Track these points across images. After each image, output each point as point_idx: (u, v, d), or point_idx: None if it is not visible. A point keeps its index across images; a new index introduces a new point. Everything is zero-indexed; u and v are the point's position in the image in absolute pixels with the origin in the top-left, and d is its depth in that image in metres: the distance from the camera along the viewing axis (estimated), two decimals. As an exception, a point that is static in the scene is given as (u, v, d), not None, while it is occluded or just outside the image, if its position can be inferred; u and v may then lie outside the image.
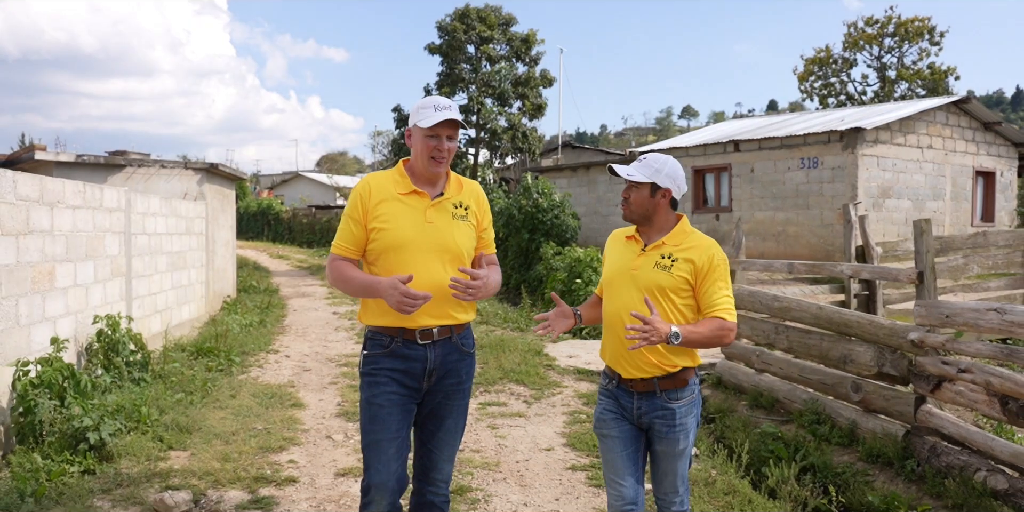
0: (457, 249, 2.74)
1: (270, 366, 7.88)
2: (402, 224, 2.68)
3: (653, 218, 2.82)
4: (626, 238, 2.94)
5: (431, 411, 2.79)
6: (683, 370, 2.79)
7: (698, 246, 2.77)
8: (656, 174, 2.77)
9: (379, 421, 2.67)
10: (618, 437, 2.84)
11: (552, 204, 14.99)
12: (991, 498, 4.28)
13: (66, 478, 4.46)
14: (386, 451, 2.65)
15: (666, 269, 2.74)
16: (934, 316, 4.84)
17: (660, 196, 2.79)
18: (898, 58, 29.44)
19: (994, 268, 8.98)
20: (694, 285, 2.75)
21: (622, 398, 2.84)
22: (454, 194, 2.80)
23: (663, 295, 2.74)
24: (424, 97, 2.75)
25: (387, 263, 2.69)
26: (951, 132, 14.42)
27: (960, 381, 4.61)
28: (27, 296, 5.54)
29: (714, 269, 2.73)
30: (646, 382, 2.77)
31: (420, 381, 2.72)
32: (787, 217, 13.48)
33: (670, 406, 2.77)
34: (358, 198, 2.74)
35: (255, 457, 4.96)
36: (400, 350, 2.69)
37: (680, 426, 2.78)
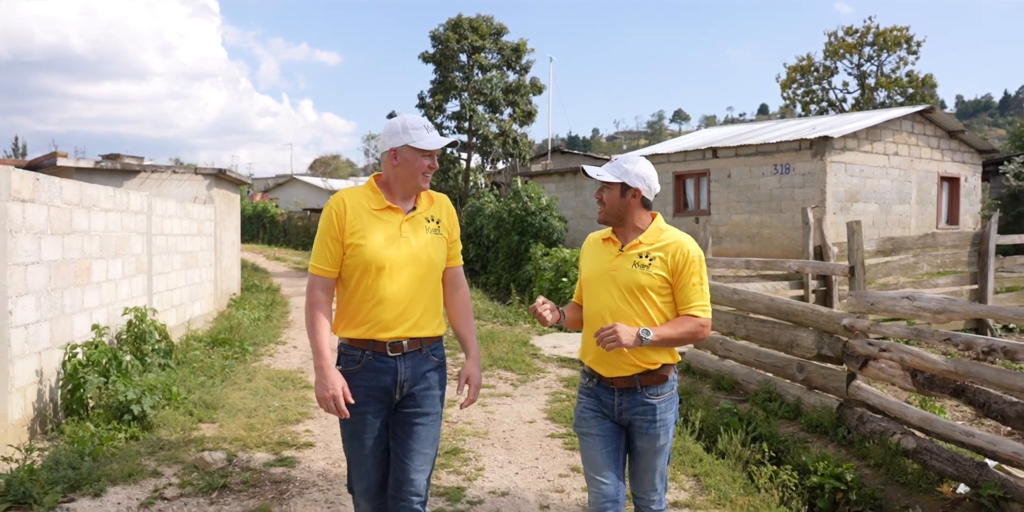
0: (431, 262, 2.80)
1: (280, 355, 8.62)
2: (378, 240, 2.71)
3: (626, 218, 2.89)
4: (603, 240, 3.00)
5: (402, 420, 2.81)
6: (663, 367, 2.85)
7: (673, 243, 2.83)
8: (625, 174, 2.85)
9: (356, 438, 2.77)
10: (599, 435, 2.89)
11: (540, 207, 15.74)
12: (903, 456, 5.07)
13: (115, 443, 5.19)
14: (365, 464, 2.78)
15: (644, 268, 2.80)
16: (862, 304, 5.63)
17: (631, 196, 2.86)
18: (877, 67, 30.46)
19: (943, 266, 9.81)
20: (671, 282, 2.82)
21: (603, 396, 2.90)
22: (426, 208, 2.86)
23: (642, 294, 2.80)
24: (398, 117, 2.85)
25: (363, 277, 2.73)
26: (916, 140, 15.27)
27: (882, 359, 5.39)
28: (70, 289, 6.27)
29: (689, 264, 2.79)
30: (627, 379, 2.83)
31: (391, 393, 2.77)
32: (761, 220, 14.29)
33: (651, 402, 2.83)
34: (333, 215, 2.75)
35: (275, 427, 5.71)
36: (372, 364, 2.74)
37: (660, 422, 2.83)
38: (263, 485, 4.57)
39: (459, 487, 4.53)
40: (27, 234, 5.52)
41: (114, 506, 4.23)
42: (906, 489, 4.91)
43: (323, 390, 2.66)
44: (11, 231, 5.28)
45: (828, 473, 5.03)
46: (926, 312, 5.03)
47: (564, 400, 6.69)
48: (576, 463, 5.03)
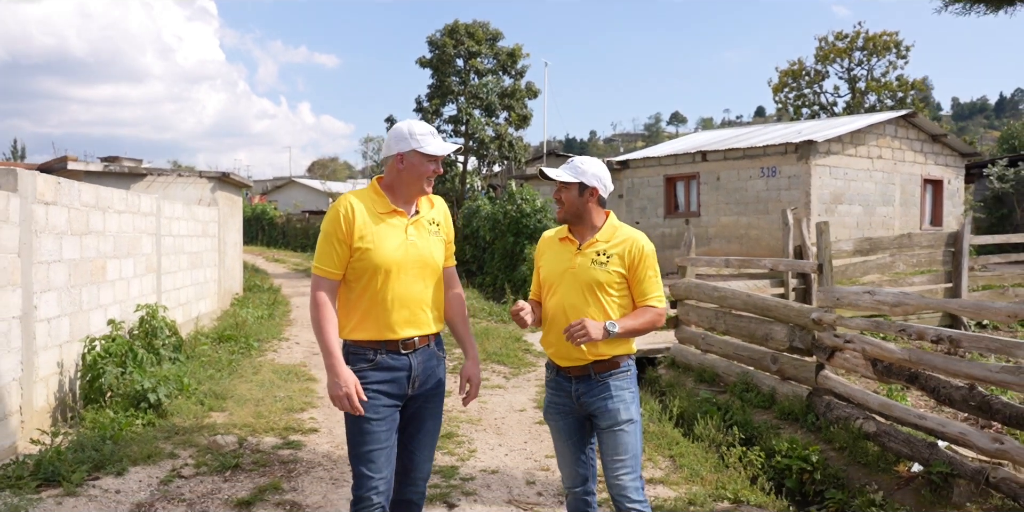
0: (434, 263, 2.89)
1: (283, 350, 9.02)
2: (386, 243, 2.77)
3: (584, 216, 3.02)
4: (559, 239, 3.11)
5: (413, 414, 2.90)
6: (615, 357, 2.99)
7: (627, 239, 3.00)
8: (582, 174, 2.99)
9: (369, 434, 2.77)
10: (563, 428, 3.07)
11: (535, 209, 16.14)
12: (864, 439, 5.47)
13: (133, 428, 5.58)
14: (378, 460, 2.78)
15: (602, 265, 2.95)
16: (830, 299, 6.05)
17: (588, 195, 3.00)
18: (867, 71, 30.96)
19: (918, 266, 10.23)
20: (627, 276, 2.98)
21: (563, 384, 3.05)
22: (427, 211, 2.95)
23: (601, 290, 2.94)
24: (405, 121, 2.91)
25: (372, 279, 2.78)
26: (900, 144, 15.70)
27: (847, 350, 5.80)
28: (87, 286, 6.66)
29: (644, 259, 2.97)
30: (581, 368, 2.98)
31: (405, 389, 2.84)
32: (749, 221, 14.70)
33: (604, 381, 2.96)
34: (341, 218, 2.77)
35: (282, 415, 6.10)
36: (385, 362, 2.79)
37: (617, 397, 2.94)
38: (272, 465, 4.97)
39: (453, 466, 4.93)
40: (50, 234, 5.91)
41: (136, 483, 4.62)
42: (866, 469, 5.32)
43: (336, 388, 2.69)
44: (36, 231, 5.68)
45: (796, 455, 5.44)
46: (884, 305, 5.45)
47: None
48: (562, 446, 5.43)
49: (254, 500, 4.35)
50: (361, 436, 2.78)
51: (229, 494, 4.46)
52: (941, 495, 4.76)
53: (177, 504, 4.32)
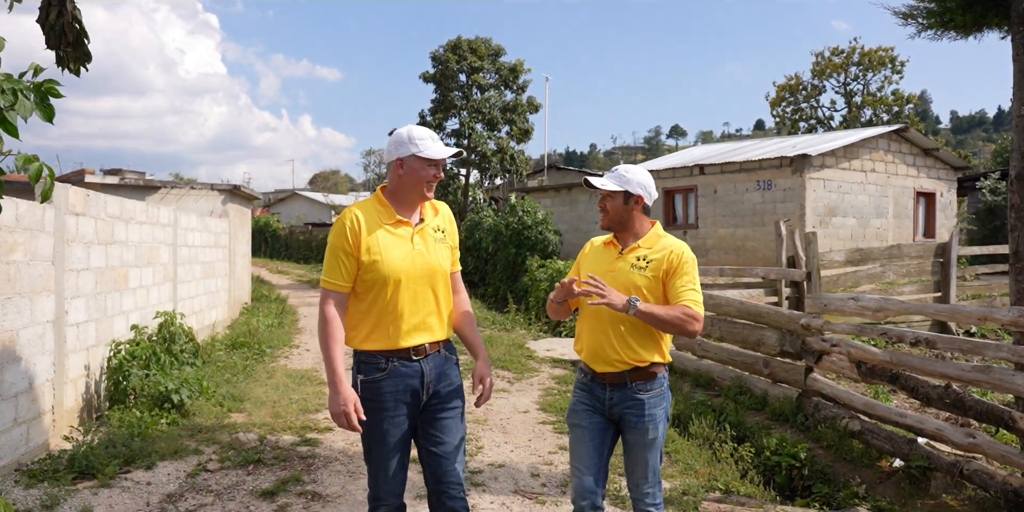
0: (442, 270, 2.91)
1: (295, 357, 9.34)
2: (394, 254, 2.79)
3: (628, 224, 3.04)
4: (604, 244, 3.16)
5: (432, 419, 2.89)
6: (652, 365, 2.97)
7: (669, 247, 2.99)
8: (627, 183, 3.00)
9: (383, 443, 2.81)
10: (587, 428, 3.02)
11: (536, 221, 16.50)
12: (850, 437, 5.79)
13: (159, 427, 5.89)
14: (390, 467, 2.83)
15: (642, 270, 2.95)
16: (818, 305, 6.38)
17: (633, 203, 3.02)
18: (863, 85, 31.45)
19: (908, 275, 10.57)
20: (664, 281, 2.95)
21: (596, 390, 3.02)
22: (432, 219, 2.96)
23: (639, 294, 2.91)
24: (404, 127, 2.93)
25: (381, 290, 2.80)
26: (893, 157, 16.08)
27: (834, 353, 6.12)
28: (111, 293, 7.00)
29: (682, 266, 2.94)
30: (617, 375, 2.96)
31: (419, 395, 2.84)
32: (745, 233, 15.05)
33: (639, 397, 2.94)
34: (347, 231, 2.78)
35: (298, 415, 6.42)
36: (398, 370, 2.80)
37: (649, 416, 2.94)
38: (292, 460, 5.29)
39: (462, 461, 5.24)
40: (79, 244, 6.26)
41: (165, 476, 4.94)
42: (851, 465, 5.63)
43: (336, 406, 2.73)
44: (67, 241, 6.03)
45: (785, 452, 5.74)
46: (867, 310, 5.79)
47: (556, 394, 7.41)
48: (564, 443, 5.74)
49: (277, 490, 4.66)
50: (375, 443, 2.82)
51: (253, 486, 4.78)
52: (919, 487, 5.08)
53: (205, 494, 4.64)
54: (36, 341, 5.48)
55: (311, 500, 4.53)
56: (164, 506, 4.43)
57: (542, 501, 4.53)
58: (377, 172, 75.75)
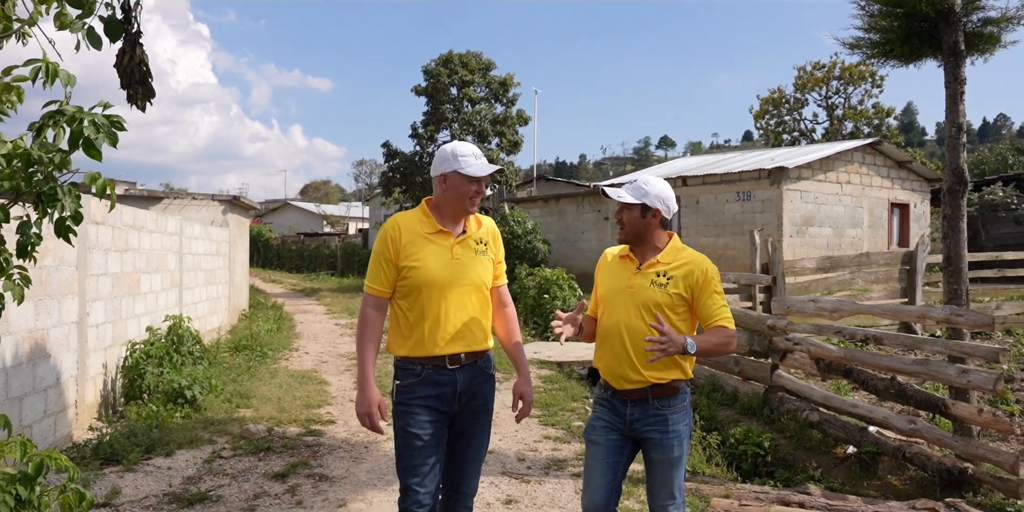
0: (480, 282, 2.93)
1: (295, 359, 9.82)
2: (432, 262, 2.84)
3: (646, 237, 2.95)
4: (620, 257, 3.06)
5: (460, 430, 2.92)
6: (674, 380, 2.90)
7: (690, 262, 2.90)
8: (645, 195, 2.91)
9: (416, 449, 2.81)
10: (603, 445, 2.94)
11: (526, 231, 17.04)
12: (809, 427, 6.34)
13: (174, 420, 6.37)
14: (423, 474, 2.80)
15: (662, 287, 2.86)
16: (782, 307, 6.94)
17: (651, 216, 2.93)
18: (844, 99, 32.28)
19: (876, 282, 11.15)
20: (690, 300, 2.87)
21: (616, 405, 2.95)
22: (474, 231, 2.98)
23: (659, 311, 2.84)
24: (454, 143, 2.99)
25: (418, 297, 2.85)
26: (867, 170, 16.74)
27: (796, 351, 6.68)
28: (126, 297, 7.48)
29: (708, 282, 2.86)
30: (639, 391, 2.89)
31: (451, 404, 2.86)
32: (726, 242, 15.64)
33: (662, 413, 2.87)
34: (388, 239, 2.88)
35: (302, 410, 6.91)
36: (432, 377, 2.83)
37: (673, 432, 2.86)
38: (299, 448, 5.78)
39: (455, 448, 5.75)
40: (99, 250, 6.75)
41: (184, 462, 5.42)
42: (810, 452, 6.18)
43: (361, 407, 2.84)
44: (89, 248, 6.52)
45: (751, 442, 6.28)
46: (824, 311, 6.35)
47: (542, 392, 7.91)
48: (548, 434, 6.26)
49: (288, 473, 5.16)
50: (407, 450, 2.83)
51: (265, 469, 5.26)
52: (868, 470, 5.63)
53: (222, 477, 5.12)
54: (63, 340, 5.96)
55: (319, 481, 5.03)
56: (186, 487, 4.90)
57: (527, 480, 5.04)
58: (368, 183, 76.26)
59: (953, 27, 5.03)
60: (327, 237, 37.25)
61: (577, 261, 18.93)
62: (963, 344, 4.93)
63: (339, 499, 4.68)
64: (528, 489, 4.89)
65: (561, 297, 13.44)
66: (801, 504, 4.52)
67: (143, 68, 2.76)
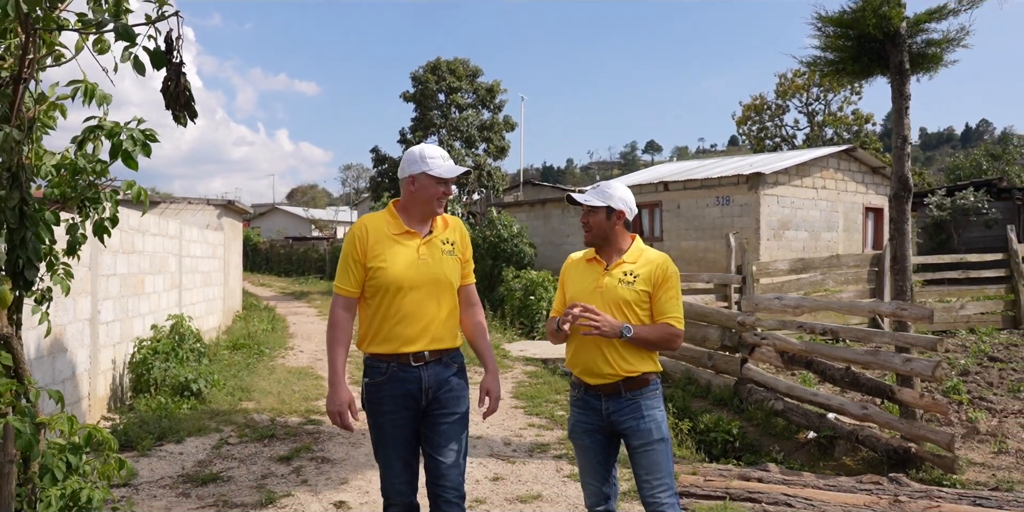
0: (447, 281, 2.97)
1: (291, 356, 10.24)
2: (398, 262, 2.89)
3: (611, 239, 3.08)
4: (586, 261, 3.17)
5: (433, 424, 2.95)
6: (645, 373, 3.00)
7: (653, 261, 3.05)
8: (609, 198, 3.04)
9: (386, 443, 2.92)
10: (590, 446, 3.07)
11: (512, 234, 17.49)
12: (775, 416, 6.83)
13: (181, 411, 6.78)
14: (395, 467, 2.92)
15: (629, 285, 2.99)
16: (751, 305, 7.44)
17: (615, 218, 3.06)
18: (825, 106, 33.03)
19: (846, 283, 11.69)
20: (651, 295, 3.01)
21: (592, 403, 3.04)
22: (441, 231, 3.04)
23: (628, 308, 2.97)
24: (418, 146, 3.06)
25: (385, 297, 2.91)
26: (843, 175, 17.32)
27: (764, 346, 7.17)
28: (132, 297, 7.88)
29: (667, 280, 3.01)
30: (612, 386, 2.98)
31: (419, 400, 2.91)
32: (706, 245, 16.16)
33: (635, 400, 2.97)
34: (355, 240, 2.93)
35: (301, 402, 7.34)
36: (397, 374, 2.89)
37: (648, 416, 2.96)
38: (301, 435, 6.21)
39: (446, 434, 6.20)
40: (108, 252, 7.17)
41: (194, 448, 5.84)
42: (775, 438, 6.67)
43: (332, 405, 2.90)
44: (100, 250, 6.94)
45: (721, 429, 6.77)
46: (788, 308, 6.85)
47: (527, 386, 8.37)
48: (532, 422, 6.72)
49: (292, 456, 5.59)
50: (380, 445, 2.95)
51: (270, 454, 5.70)
52: (826, 453, 6.13)
53: (231, 461, 5.54)
54: (77, 336, 6.37)
55: (321, 463, 5.47)
56: (198, 469, 5.33)
57: (512, 461, 5.50)
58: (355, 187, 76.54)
59: (899, 48, 5.55)
60: (315, 241, 37.55)
61: (562, 263, 19.38)
62: (906, 335, 5.45)
63: (341, 478, 5.13)
64: (514, 468, 5.35)
65: (547, 298, 13.93)
66: (760, 479, 5.00)
67: (187, 93, 3.20)
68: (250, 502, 4.64)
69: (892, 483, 4.96)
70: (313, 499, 4.70)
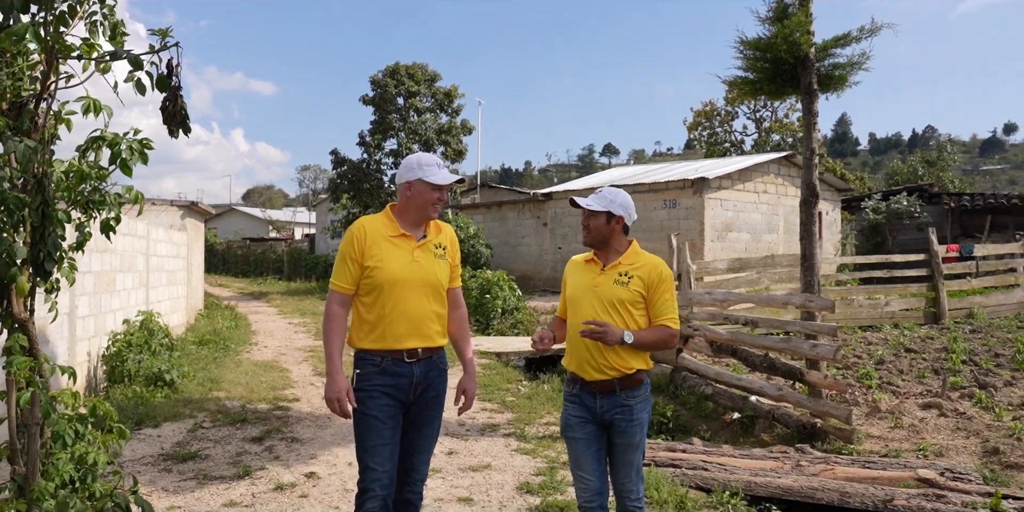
0: (438, 283, 3.11)
1: (256, 351, 10.69)
2: (393, 263, 3.02)
3: (610, 242, 3.21)
4: (585, 262, 3.32)
5: (413, 421, 3.10)
6: (638, 372, 3.13)
7: (648, 264, 3.18)
8: (611, 204, 3.18)
9: (375, 429, 2.98)
10: (583, 439, 3.18)
11: (469, 236, 18.09)
12: (705, 400, 7.54)
13: (156, 400, 7.23)
14: (381, 454, 2.98)
15: (624, 284, 3.12)
16: (684, 299, 8.15)
17: (615, 223, 3.19)
18: (772, 112, 34.31)
19: (780, 281, 12.53)
20: (646, 297, 3.13)
21: (586, 399, 3.18)
22: (434, 236, 3.17)
23: (622, 307, 3.11)
24: (419, 154, 3.20)
25: (380, 295, 3.03)
26: (783, 180, 18.30)
27: (696, 336, 7.88)
28: (105, 294, 8.29)
29: (662, 282, 3.14)
30: (607, 383, 3.11)
31: (407, 394, 3.04)
32: (654, 246, 16.93)
33: (628, 403, 3.11)
34: (354, 240, 3.05)
35: (269, 391, 7.84)
36: (391, 368, 3.01)
37: (636, 420, 3.13)
38: (270, 419, 6.72)
39: (405, 417, 6.78)
40: (85, 250, 7.57)
41: (171, 432, 6.32)
42: (705, 419, 7.38)
43: (331, 392, 2.98)
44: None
45: (656, 412, 7.44)
46: (717, 301, 7.58)
47: (481, 376, 8.96)
48: (485, 406, 7.32)
49: (263, 437, 6.11)
50: (366, 431, 3.01)
51: (243, 435, 6.20)
52: (747, 431, 6.85)
53: (206, 442, 6.04)
54: (58, 329, 6.80)
55: (291, 442, 6.00)
56: (177, 450, 5.81)
57: (465, 439, 6.10)
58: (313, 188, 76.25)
59: (808, 70, 6.29)
60: (273, 242, 37.63)
61: (518, 264, 20.05)
62: (812, 324, 6.19)
63: (310, 454, 5.67)
64: (467, 444, 5.95)
65: (502, 297, 14.56)
66: (684, 451, 5.68)
67: (183, 112, 3.76)
68: (228, 475, 5.16)
69: (798, 452, 5.68)
70: (286, 471, 5.23)
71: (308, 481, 5.03)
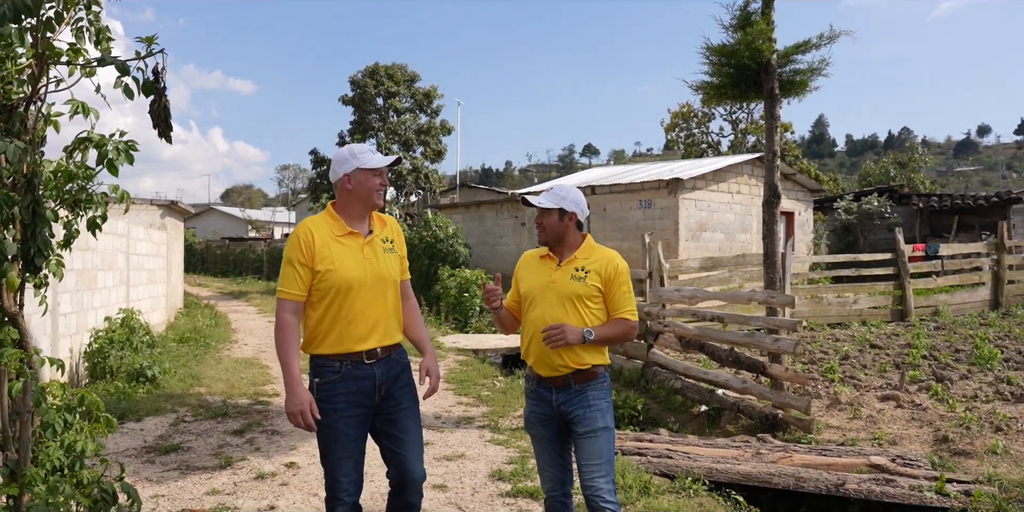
0: (391, 278, 3.06)
1: (236, 349, 10.82)
2: (346, 264, 2.94)
3: (564, 238, 3.20)
4: (540, 257, 3.30)
5: (389, 418, 3.00)
6: (594, 366, 3.13)
7: (604, 258, 3.18)
8: (562, 201, 3.18)
9: (341, 443, 2.90)
10: (545, 436, 3.22)
11: (448, 235, 18.25)
12: (674, 393, 7.80)
13: (138, 395, 7.37)
14: (347, 466, 2.93)
15: (581, 280, 3.11)
16: (655, 296, 8.41)
17: (568, 219, 3.19)
18: (748, 114, 34.75)
19: (751, 279, 12.84)
20: (603, 291, 3.14)
21: (543, 394, 3.18)
22: (380, 231, 3.11)
23: (580, 302, 3.10)
24: (345, 146, 3.14)
25: (335, 298, 2.94)
26: (756, 181, 18.65)
27: (666, 332, 8.14)
28: (86, 291, 8.41)
29: (618, 276, 3.15)
30: (562, 378, 3.12)
31: (372, 397, 2.95)
32: (630, 246, 17.20)
33: (583, 391, 3.11)
34: (301, 244, 2.94)
35: (249, 387, 8.00)
36: (351, 372, 2.92)
37: (594, 406, 3.10)
38: (251, 413, 6.89)
39: (383, 411, 6.97)
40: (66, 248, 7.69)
41: (153, 425, 6.47)
42: (674, 412, 7.63)
43: (292, 406, 2.83)
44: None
45: (628, 405, 7.70)
46: (685, 298, 7.84)
47: (458, 371, 9.18)
48: (461, 400, 7.54)
49: (244, 430, 6.28)
50: (333, 444, 2.93)
51: (224, 429, 6.37)
52: (714, 423, 7.11)
53: (188, 435, 6.20)
54: (41, 325, 6.93)
55: (272, 434, 6.18)
56: (159, 442, 5.97)
57: (441, 430, 6.31)
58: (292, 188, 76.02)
59: (770, 76, 6.56)
60: (253, 242, 37.55)
61: (496, 263, 20.25)
62: (774, 319, 6.47)
63: (290, 445, 5.86)
64: (442, 436, 6.17)
65: (480, 295, 14.76)
66: (651, 441, 5.92)
67: (165, 111, 3.95)
68: (210, 466, 5.33)
69: (759, 441, 5.95)
70: (267, 462, 5.42)
71: (288, 470, 5.22)
